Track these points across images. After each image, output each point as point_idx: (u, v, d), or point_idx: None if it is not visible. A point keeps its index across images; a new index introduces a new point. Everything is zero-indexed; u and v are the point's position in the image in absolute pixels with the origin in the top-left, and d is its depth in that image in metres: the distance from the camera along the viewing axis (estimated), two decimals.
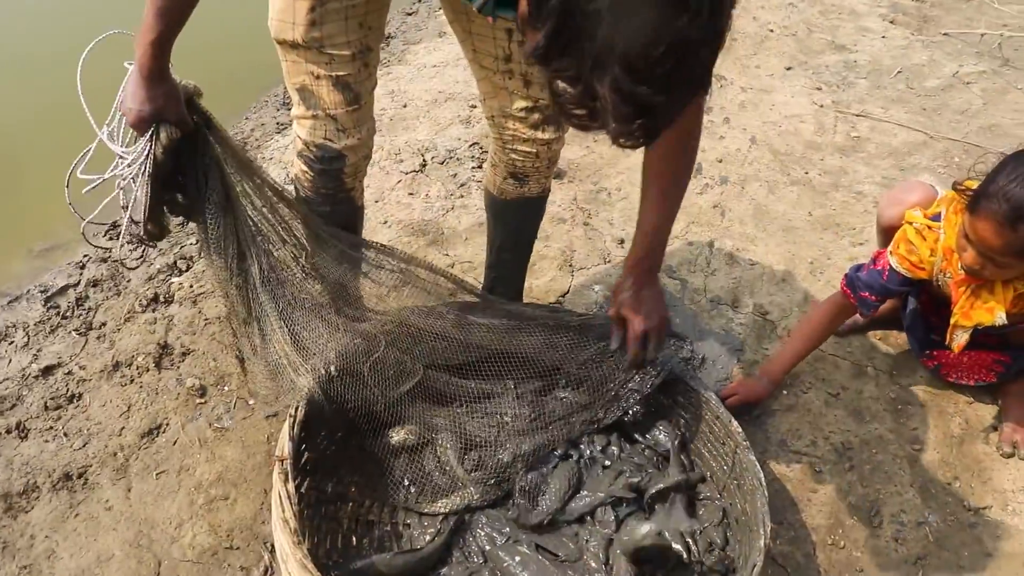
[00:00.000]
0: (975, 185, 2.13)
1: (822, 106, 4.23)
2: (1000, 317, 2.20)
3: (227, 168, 1.86)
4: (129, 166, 1.76)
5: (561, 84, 1.25)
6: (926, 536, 2.31)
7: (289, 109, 2.14)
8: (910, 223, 2.38)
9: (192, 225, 2.03)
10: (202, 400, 2.37)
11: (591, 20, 1.12)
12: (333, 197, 2.09)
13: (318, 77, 1.89)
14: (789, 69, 4.54)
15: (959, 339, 2.31)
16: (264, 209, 1.92)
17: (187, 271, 2.77)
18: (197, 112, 1.82)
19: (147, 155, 1.75)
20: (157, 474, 2.20)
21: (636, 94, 1.15)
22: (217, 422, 2.32)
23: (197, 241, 2.01)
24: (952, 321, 2.31)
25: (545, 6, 1.17)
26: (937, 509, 2.38)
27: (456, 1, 1.96)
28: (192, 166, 1.85)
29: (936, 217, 2.33)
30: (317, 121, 1.96)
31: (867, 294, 2.44)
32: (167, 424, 2.31)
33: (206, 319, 2.60)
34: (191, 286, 2.70)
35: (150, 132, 1.75)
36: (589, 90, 1.19)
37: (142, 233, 1.88)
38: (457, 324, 2.20)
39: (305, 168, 2.04)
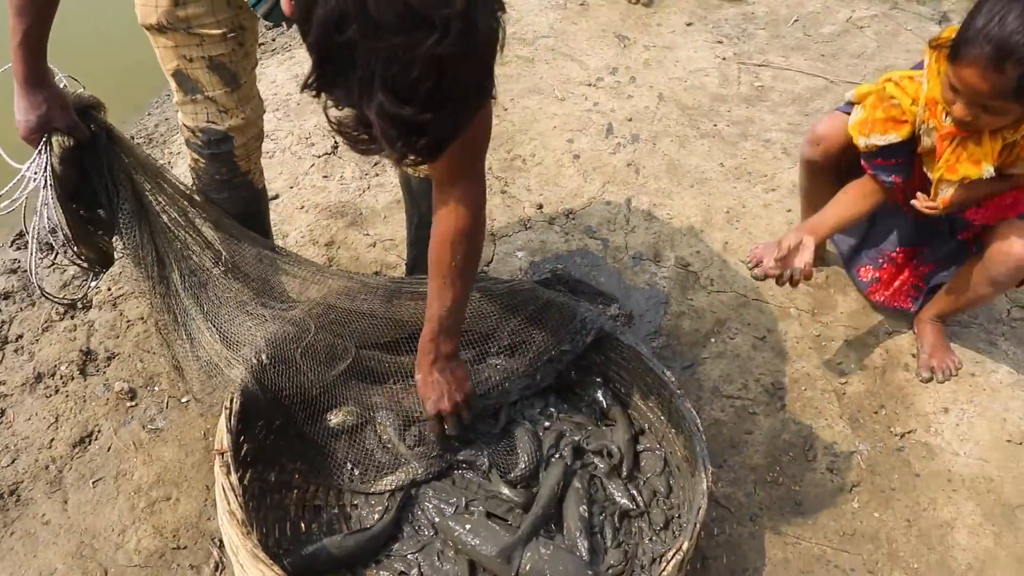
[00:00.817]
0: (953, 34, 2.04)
1: (724, 59, 4.30)
2: (988, 170, 2.13)
3: (136, 177, 1.84)
4: (34, 181, 1.73)
5: (335, 113, 1.26)
6: (858, 464, 2.39)
7: None
8: (888, 79, 2.33)
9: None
10: (133, 403, 2.31)
11: (347, 50, 1.12)
12: (229, 183, 2.07)
13: (191, 60, 1.86)
14: (690, 25, 4.59)
15: (944, 194, 2.26)
16: (177, 215, 1.90)
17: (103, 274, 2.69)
18: (96, 123, 1.79)
19: (44, 168, 1.72)
20: (93, 482, 2.14)
21: (402, 116, 1.15)
22: (150, 424, 2.27)
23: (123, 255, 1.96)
24: (936, 176, 2.26)
25: (306, 42, 1.18)
26: (866, 438, 2.47)
27: None
28: (100, 177, 1.81)
29: (919, 65, 2.28)
30: (197, 105, 1.93)
31: (879, 160, 2.37)
32: (99, 431, 2.25)
33: (128, 321, 2.53)
34: (109, 289, 2.63)
35: (43, 142, 1.72)
36: (362, 117, 1.20)
37: (77, 259, 1.85)
38: (384, 302, 2.19)
39: (196, 156, 2.02)
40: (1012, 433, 2.50)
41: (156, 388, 2.36)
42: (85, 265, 1.90)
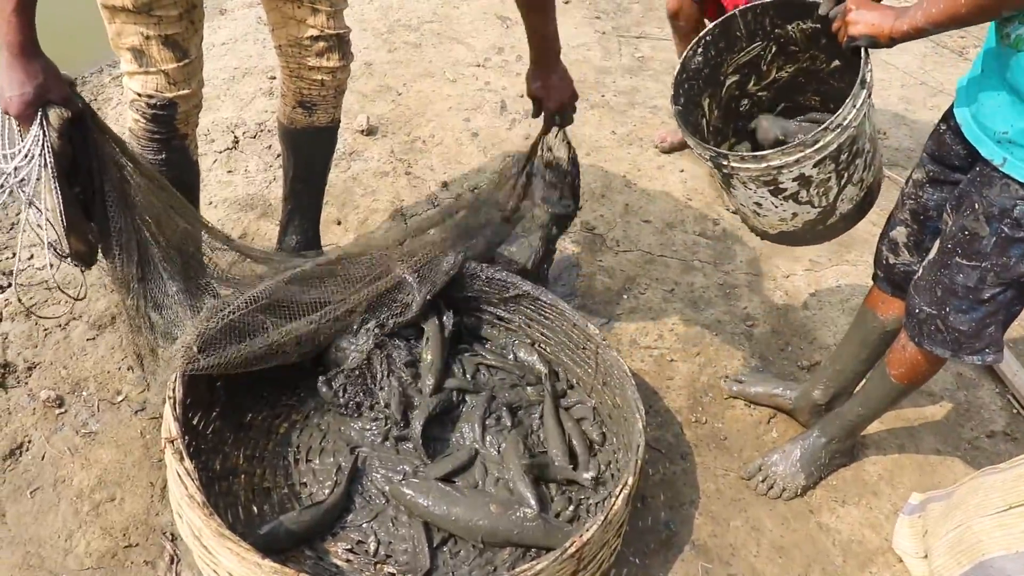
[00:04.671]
0: None
1: (604, 33, 4.45)
2: None
3: (117, 156, 1.82)
4: (27, 162, 1.62)
5: None
6: None
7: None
8: None
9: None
10: (62, 410, 2.28)
11: None
12: (167, 143, 2.12)
13: (148, 37, 1.95)
14: (567, 2, 4.72)
15: None
16: (151, 195, 1.89)
17: (9, 287, 2.62)
18: (78, 98, 1.74)
19: (43, 144, 1.62)
20: (31, 492, 2.11)
21: None
22: (83, 428, 2.24)
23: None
24: None
25: None
26: (777, 373, 2.62)
27: None
28: (86, 156, 1.75)
29: None
30: (149, 76, 2.02)
31: None
32: (29, 441, 2.21)
33: (45, 329, 2.48)
34: (20, 300, 2.56)
35: (39, 117, 1.64)
36: None
37: (67, 252, 1.76)
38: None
39: (138, 117, 2.08)
40: None
41: (85, 393, 2.32)
42: (74, 260, 1.83)
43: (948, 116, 1.88)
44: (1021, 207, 1.66)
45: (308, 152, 2.50)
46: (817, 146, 1.73)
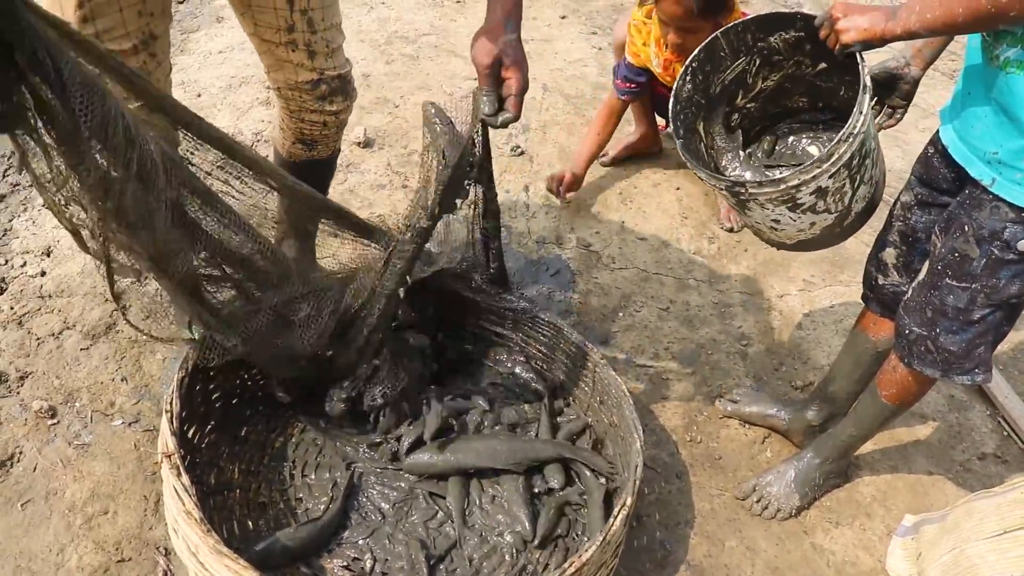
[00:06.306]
0: None
1: (600, 48, 4.46)
2: None
3: (67, 39, 1.33)
4: None
5: None
6: None
7: None
8: (632, 22, 3.11)
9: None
10: (54, 421, 2.26)
11: None
12: None
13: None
14: (564, 18, 4.74)
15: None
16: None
17: (3, 293, 2.60)
18: None
19: None
20: (23, 504, 2.09)
21: None
22: (76, 439, 2.22)
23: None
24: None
25: None
26: (772, 393, 2.63)
27: None
28: (22, 46, 1.21)
29: (650, 15, 2.97)
30: None
31: (618, 80, 3.23)
32: (20, 452, 2.19)
33: (38, 338, 2.46)
34: (12, 308, 2.54)
35: None
36: None
37: None
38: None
39: None
40: None
41: (78, 404, 2.30)
42: None
43: (935, 140, 1.92)
44: (1011, 229, 1.69)
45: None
46: (833, 159, 1.76)
